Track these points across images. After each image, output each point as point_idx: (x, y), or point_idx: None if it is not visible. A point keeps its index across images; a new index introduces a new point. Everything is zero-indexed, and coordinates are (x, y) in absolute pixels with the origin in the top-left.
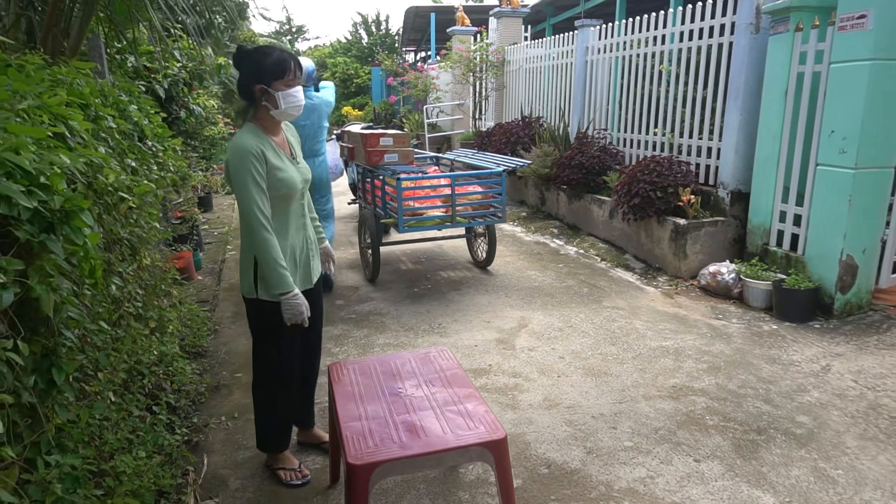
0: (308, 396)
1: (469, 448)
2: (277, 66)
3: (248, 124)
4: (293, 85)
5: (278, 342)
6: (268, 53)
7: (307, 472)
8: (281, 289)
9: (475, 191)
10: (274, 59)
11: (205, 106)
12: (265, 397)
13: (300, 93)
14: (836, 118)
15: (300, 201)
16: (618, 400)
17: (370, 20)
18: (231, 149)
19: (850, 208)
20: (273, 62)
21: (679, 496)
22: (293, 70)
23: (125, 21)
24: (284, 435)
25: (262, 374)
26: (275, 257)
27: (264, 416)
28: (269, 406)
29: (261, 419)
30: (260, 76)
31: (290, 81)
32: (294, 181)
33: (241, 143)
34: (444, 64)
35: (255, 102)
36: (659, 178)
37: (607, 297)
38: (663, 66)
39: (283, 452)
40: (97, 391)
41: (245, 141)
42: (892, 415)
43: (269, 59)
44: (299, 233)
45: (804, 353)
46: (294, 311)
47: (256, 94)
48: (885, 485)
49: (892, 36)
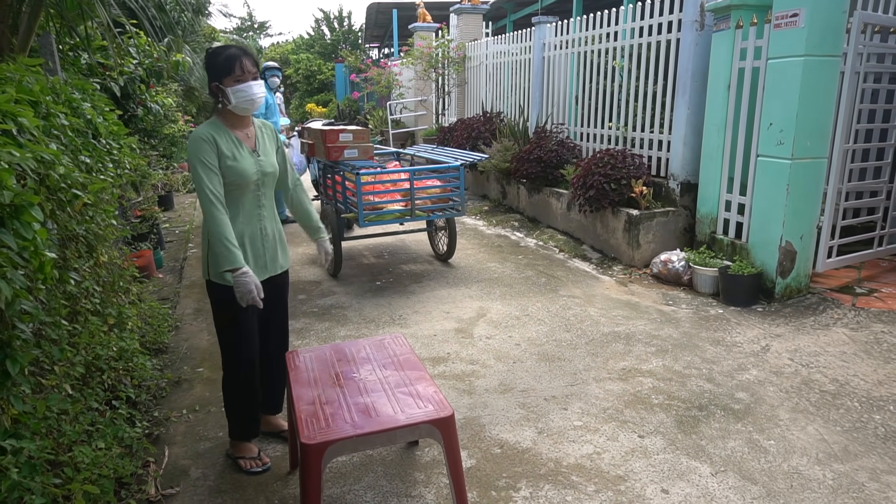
0: (276, 384)
1: (418, 426)
2: (226, 63)
3: (211, 118)
4: (243, 80)
5: (234, 327)
6: (219, 52)
7: (267, 460)
8: (229, 265)
9: (434, 185)
10: (223, 57)
11: (163, 104)
12: (230, 385)
13: (252, 87)
14: (774, 111)
15: (256, 192)
16: (570, 383)
17: (332, 16)
18: (190, 137)
19: (788, 197)
20: (222, 60)
21: (623, 469)
22: (241, 66)
23: (77, 17)
24: (255, 424)
25: (226, 360)
26: (225, 234)
27: (233, 405)
28: (235, 393)
29: (230, 407)
30: (215, 75)
31: (240, 77)
32: (246, 172)
33: (194, 132)
34: (406, 60)
35: (215, 98)
36: (613, 171)
37: (564, 287)
38: (617, 61)
39: (247, 442)
40: (54, 384)
41: (198, 130)
42: (823, 389)
43: (219, 57)
44: (252, 222)
45: (746, 335)
46: (243, 290)
47: (213, 90)
48: (812, 452)
49: (823, 34)
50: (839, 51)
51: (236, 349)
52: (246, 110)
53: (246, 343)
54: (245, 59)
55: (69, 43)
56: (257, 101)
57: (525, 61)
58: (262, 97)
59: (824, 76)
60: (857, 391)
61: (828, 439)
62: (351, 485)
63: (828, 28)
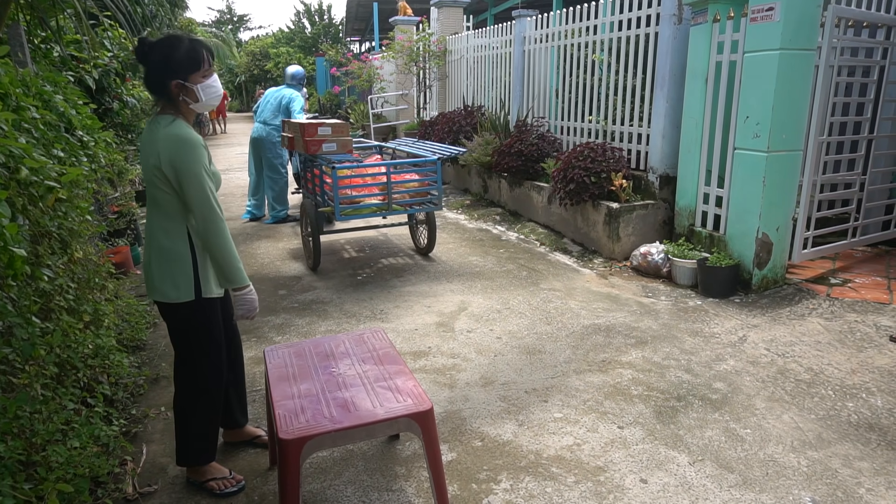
0: (241, 394)
1: (397, 419)
2: (191, 56)
3: (169, 118)
4: (209, 74)
5: (214, 344)
6: (175, 45)
7: (240, 477)
8: (241, 282)
9: (412, 178)
10: (184, 50)
11: (140, 97)
12: (202, 408)
13: (217, 82)
14: (750, 104)
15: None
16: (550, 375)
17: (313, 10)
18: (176, 141)
19: (765, 189)
20: (184, 54)
21: (602, 460)
22: (207, 59)
23: (48, 9)
24: (215, 443)
25: (198, 383)
26: (233, 248)
27: (197, 429)
28: (204, 416)
29: (192, 432)
30: (175, 71)
31: (207, 72)
32: (218, 177)
33: (187, 135)
34: (387, 54)
35: (172, 97)
36: (593, 164)
37: (545, 280)
38: (596, 55)
39: (211, 463)
40: (26, 383)
41: (190, 133)
42: (798, 378)
43: (177, 51)
44: None
45: (724, 326)
46: (249, 306)
47: (172, 89)
48: (787, 440)
49: (798, 27)
50: (814, 45)
51: (216, 366)
52: (211, 107)
53: (224, 358)
54: (206, 50)
55: (41, 35)
56: (218, 98)
57: (506, 55)
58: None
59: (799, 70)
60: (831, 380)
61: (802, 427)
62: (331, 480)
63: (803, 22)
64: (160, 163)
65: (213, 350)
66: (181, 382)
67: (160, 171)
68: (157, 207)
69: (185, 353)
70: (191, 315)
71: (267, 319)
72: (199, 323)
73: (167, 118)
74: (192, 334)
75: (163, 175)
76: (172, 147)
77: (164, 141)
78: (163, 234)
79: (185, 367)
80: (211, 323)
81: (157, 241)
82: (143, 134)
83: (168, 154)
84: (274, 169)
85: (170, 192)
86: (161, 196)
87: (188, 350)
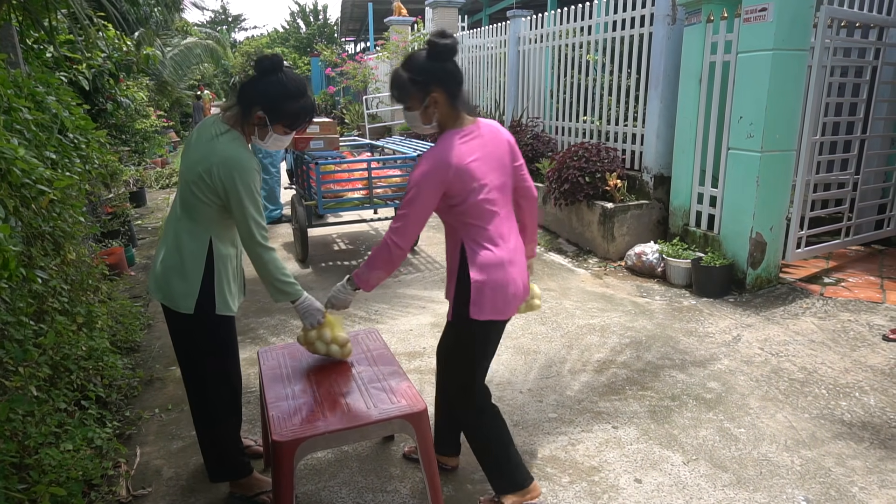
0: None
1: (391, 420)
2: (293, 116)
3: (234, 134)
4: (289, 133)
5: (229, 357)
6: (295, 97)
7: None
8: (292, 296)
9: (393, 174)
10: (295, 108)
11: (134, 98)
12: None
13: (289, 138)
14: (744, 104)
15: None
16: (545, 375)
17: (308, 10)
18: (235, 163)
19: (758, 189)
20: (292, 110)
21: (597, 460)
22: (301, 123)
23: (41, 9)
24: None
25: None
26: (281, 269)
27: (229, 444)
28: (231, 430)
29: (228, 448)
30: (271, 109)
31: (289, 131)
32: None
33: (239, 158)
34: (382, 54)
35: (246, 119)
36: (587, 164)
37: (539, 280)
38: (591, 55)
39: (254, 473)
40: (18, 386)
41: (243, 156)
42: (792, 377)
43: (292, 103)
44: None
45: (718, 325)
46: (311, 312)
47: (254, 116)
48: (780, 439)
49: (791, 28)
50: (807, 45)
51: (229, 380)
52: (267, 149)
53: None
54: (309, 116)
55: (34, 36)
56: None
57: (500, 55)
58: None
59: (792, 70)
60: (824, 379)
61: (796, 426)
62: (326, 481)
63: (796, 22)
64: (211, 176)
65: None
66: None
67: (205, 182)
68: (187, 210)
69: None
70: (192, 327)
71: (262, 321)
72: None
73: (230, 132)
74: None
75: (206, 185)
76: (229, 168)
77: (222, 157)
78: (184, 235)
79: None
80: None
81: (174, 241)
82: (198, 132)
83: (221, 172)
84: (263, 169)
85: (206, 203)
86: (194, 202)
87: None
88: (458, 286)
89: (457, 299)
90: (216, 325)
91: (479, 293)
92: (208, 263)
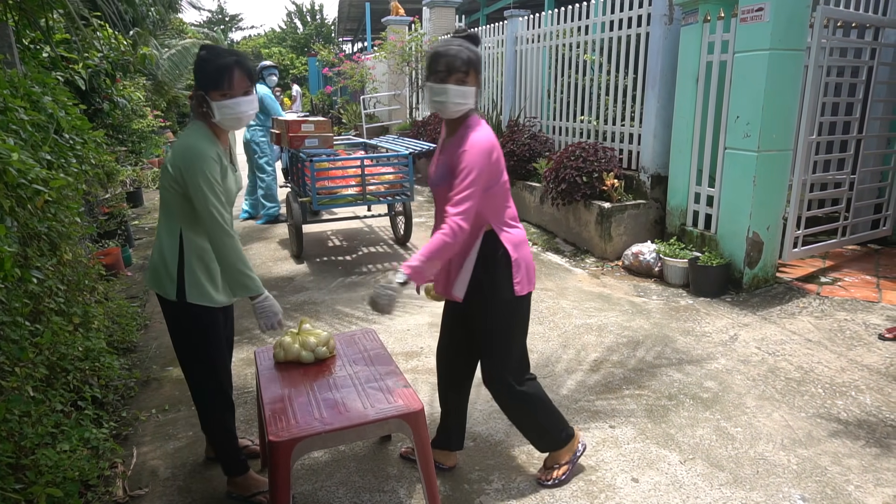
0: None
1: (387, 420)
2: (214, 74)
3: (197, 125)
4: (230, 96)
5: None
6: (209, 59)
7: None
8: (252, 292)
9: (386, 171)
10: (213, 66)
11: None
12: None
13: (240, 105)
14: (741, 104)
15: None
16: (542, 375)
17: (305, 10)
18: (186, 150)
19: (755, 189)
20: (211, 70)
21: (594, 459)
22: (230, 81)
23: (38, 9)
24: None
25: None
26: (243, 260)
27: (221, 437)
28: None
29: (221, 441)
30: (201, 83)
31: (227, 93)
32: (232, 190)
33: (196, 146)
34: (379, 54)
35: (198, 106)
36: (584, 164)
37: (537, 280)
38: (588, 55)
39: (250, 472)
40: (15, 386)
41: (200, 144)
42: (788, 376)
43: (208, 65)
44: None
45: (715, 325)
46: (269, 314)
47: (199, 100)
48: (777, 438)
49: (788, 28)
50: (803, 45)
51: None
52: (231, 127)
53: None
54: (237, 72)
55: (30, 35)
56: (245, 119)
57: (498, 55)
58: (252, 114)
59: (789, 70)
60: (820, 378)
61: (792, 425)
62: (323, 481)
63: (792, 22)
64: (173, 166)
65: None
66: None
67: (169, 172)
68: (163, 204)
69: (179, 353)
70: (178, 315)
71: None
72: (187, 326)
73: (193, 124)
74: (186, 340)
75: (170, 176)
76: (181, 155)
77: (178, 146)
78: (162, 228)
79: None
80: (198, 330)
81: (158, 234)
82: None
83: (177, 160)
84: (259, 168)
85: (173, 193)
86: (164, 193)
87: (180, 350)
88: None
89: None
90: (197, 314)
91: (518, 269)
92: (180, 254)
